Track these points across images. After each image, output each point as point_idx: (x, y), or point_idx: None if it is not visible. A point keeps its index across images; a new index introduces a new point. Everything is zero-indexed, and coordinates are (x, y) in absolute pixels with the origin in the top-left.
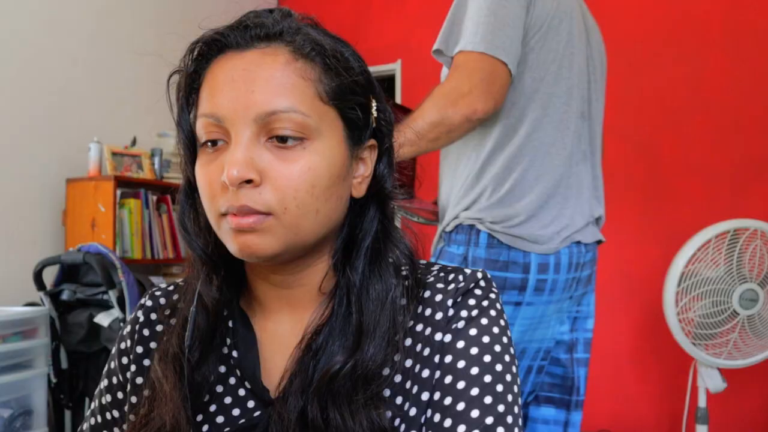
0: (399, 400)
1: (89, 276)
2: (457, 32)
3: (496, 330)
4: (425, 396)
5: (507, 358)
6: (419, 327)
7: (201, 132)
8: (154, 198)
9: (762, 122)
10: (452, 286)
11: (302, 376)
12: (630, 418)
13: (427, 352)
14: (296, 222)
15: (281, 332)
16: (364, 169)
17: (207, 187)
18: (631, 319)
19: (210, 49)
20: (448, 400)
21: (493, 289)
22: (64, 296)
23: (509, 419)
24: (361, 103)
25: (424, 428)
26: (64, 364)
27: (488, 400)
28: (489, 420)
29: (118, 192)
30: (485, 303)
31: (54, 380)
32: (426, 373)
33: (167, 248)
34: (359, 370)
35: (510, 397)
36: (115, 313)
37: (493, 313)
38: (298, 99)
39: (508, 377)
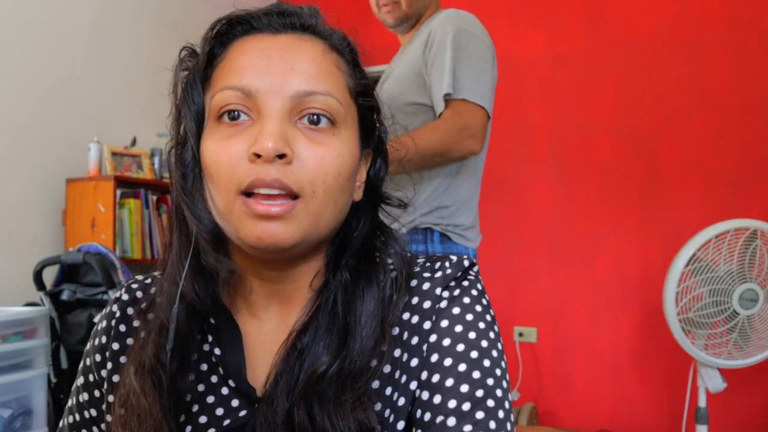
0: (388, 390)
1: (89, 276)
2: (458, 80)
3: (478, 308)
4: (413, 385)
5: (491, 334)
6: (406, 315)
7: (221, 104)
8: (154, 198)
9: (762, 122)
10: (439, 273)
11: (288, 377)
12: (630, 418)
13: (415, 341)
14: (319, 209)
15: (268, 329)
16: (360, 174)
17: (227, 161)
18: (631, 319)
19: (233, 29)
20: (436, 378)
21: (473, 270)
22: (64, 296)
23: (498, 392)
24: (372, 107)
25: (412, 407)
26: (64, 364)
27: (476, 374)
28: (479, 393)
29: (118, 192)
30: (465, 283)
31: (54, 380)
32: (414, 362)
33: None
34: (345, 371)
35: (498, 372)
36: None
37: (474, 292)
38: (334, 85)
39: (494, 353)
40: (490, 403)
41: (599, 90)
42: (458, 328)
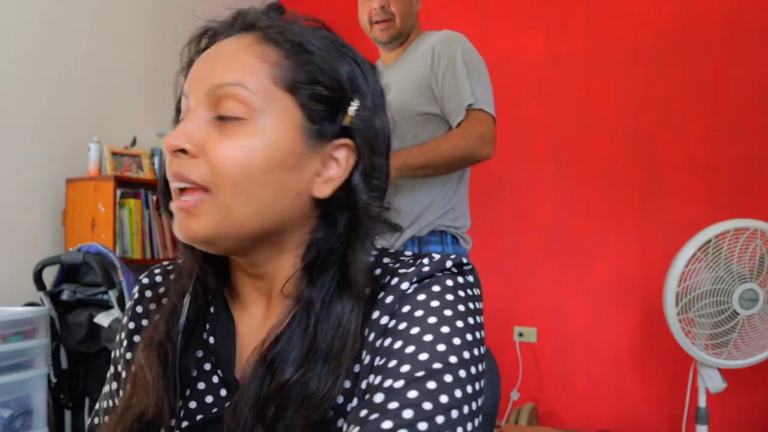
0: (347, 383)
1: (89, 276)
2: (474, 93)
3: (449, 297)
4: (364, 384)
5: (459, 323)
6: (375, 314)
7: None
8: (154, 198)
9: (762, 122)
10: (413, 269)
11: (255, 387)
12: (630, 418)
13: (372, 337)
14: (228, 203)
15: (256, 324)
16: (337, 171)
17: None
18: (631, 319)
19: (208, 42)
20: (382, 361)
21: (455, 268)
22: (64, 296)
23: (448, 377)
24: (326, 97)
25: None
26: (64, 364)
27: (424, 356)
28: (437, 365)
29: (118, 192)
30: (439, 274)
31: (54, 380)
32: (368, 359)
33: (167, 248)
34: (305, 391)
35: (454, 359)
36: (115, 313)
37: (449, 282)
38: (248, 76)
39: (456, 341)
40: (448, 378)
41: (599, 90)
42: (418, 313)
